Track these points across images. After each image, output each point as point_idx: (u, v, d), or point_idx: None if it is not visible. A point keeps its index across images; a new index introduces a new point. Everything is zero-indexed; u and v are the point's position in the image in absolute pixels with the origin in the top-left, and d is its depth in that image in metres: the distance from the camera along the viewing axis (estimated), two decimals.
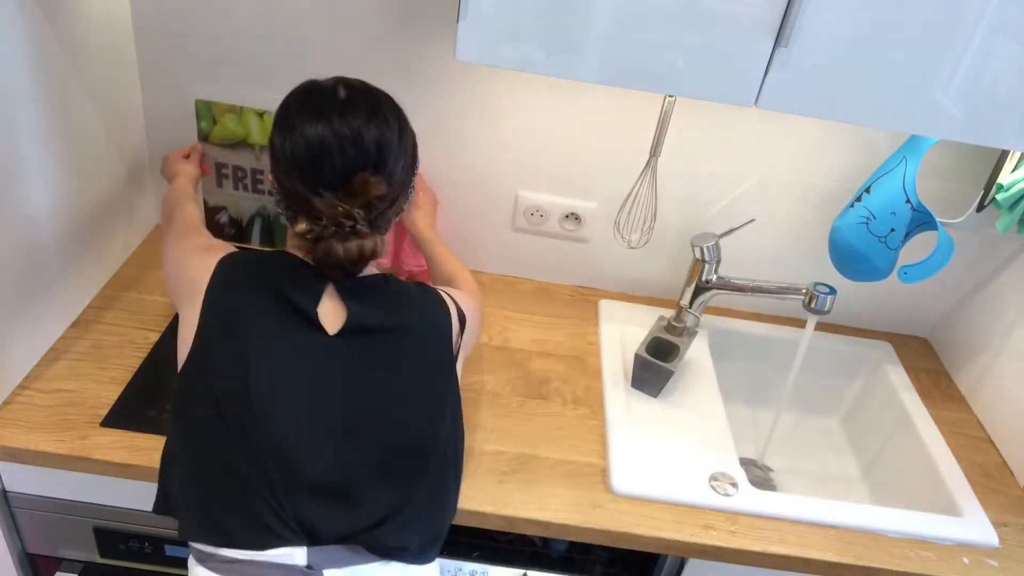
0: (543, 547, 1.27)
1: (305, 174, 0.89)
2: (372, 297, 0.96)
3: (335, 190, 0.89)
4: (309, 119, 0.89)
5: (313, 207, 0.89)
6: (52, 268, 1.20)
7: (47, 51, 1.10)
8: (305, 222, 0.91)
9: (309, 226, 0.90)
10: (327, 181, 0.88)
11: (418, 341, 0.97)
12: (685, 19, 0.97)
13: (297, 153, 0.89)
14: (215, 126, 1.42)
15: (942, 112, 1.02)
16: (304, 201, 0.90)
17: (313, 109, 0.91)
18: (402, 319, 0.96)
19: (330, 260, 0.89)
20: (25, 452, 1.07)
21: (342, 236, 0.89)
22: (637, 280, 1.58)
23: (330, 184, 0.88)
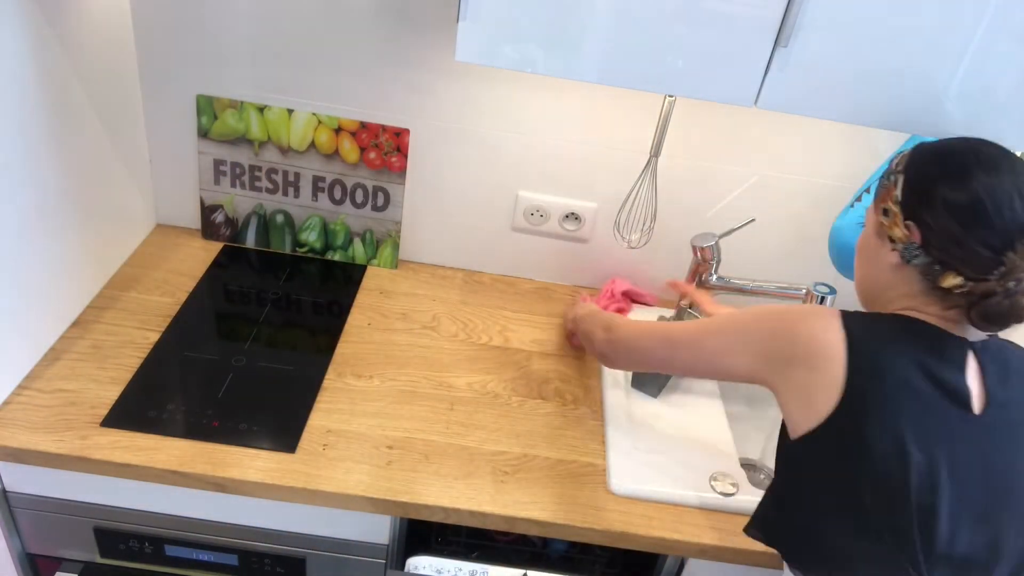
0: (543, 547, 1.27)
1: (988, 224, 0.82)
2: (1002, 363, 0.88)
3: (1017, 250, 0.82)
4: (984, 171, 0.84)
5: (985, 261, 0.82)
6: (52, 268, 1.20)
7: (47, 50, 1.10)
8: (958, 276, 0.84)
9: (962, 280, 0.84)
10: (1013, 240, 0.82)
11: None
12: (685, 19, 0.97)
13: (979, 210, 0.82)
14: (215, 121, 1.42)
15: (942, 112, 1.02)
16: (972, 254, 0.83)
17: (987, 159, 0.85)
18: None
19: (1008, 315, 0.82)
20: (25, 452, 1.07)
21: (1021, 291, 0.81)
22: (637, 280, 1.58)
23: (1013, 238, 0.82)
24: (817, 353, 0.86)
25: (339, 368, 1.28)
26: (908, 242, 0.87)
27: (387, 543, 1.17)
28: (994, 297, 0.82)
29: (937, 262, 0.85)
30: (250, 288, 1.43)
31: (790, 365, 0.88)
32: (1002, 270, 0.81)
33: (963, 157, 0.86)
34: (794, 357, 0.88)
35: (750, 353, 0.93)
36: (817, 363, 0.86)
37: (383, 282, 1.51)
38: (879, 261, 0.92)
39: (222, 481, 1.07)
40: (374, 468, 1.11)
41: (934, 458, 0.82)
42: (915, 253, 0.87)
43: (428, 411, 1.23)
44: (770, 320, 0.93)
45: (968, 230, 0.82)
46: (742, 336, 0.95)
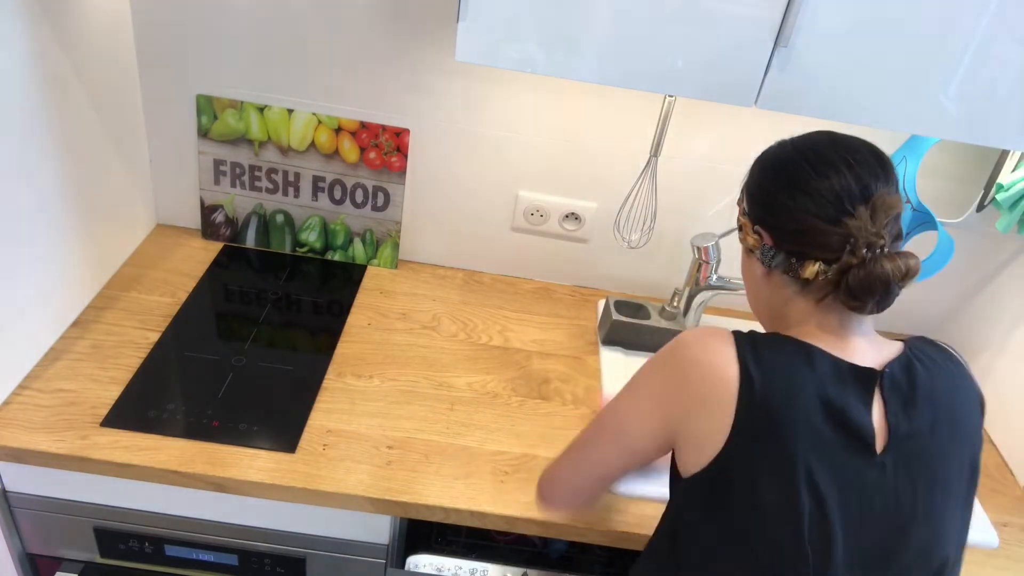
0: (543, 547, 1.27)
1: (819, 204, 0.81)
2: (910, 386, 0.82)
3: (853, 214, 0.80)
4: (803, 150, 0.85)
5: (830, 237, 0.81)
6: (52, 268, 1.20)
7: (47, 50, 1.10)
8: (815, 263, 0.82)
9: (823, 265, 0.82)
10: (844, 205, 0.81)
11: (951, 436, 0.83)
12: (685, 19, 0.97)
13: (807, 180, 0.82)
14: (215, 122, 1.42)
15: (942, 112, 1.02)
16: (815, 233, 0.82)
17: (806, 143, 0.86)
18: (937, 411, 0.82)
19: (872, 285, 0.79)
20: (25, 452, 1.07)
21: (880, 257, 0.79)
22: (637, 280, 1.58)
23: (847, 207, 0.80)
24: (709, 385, 0.80)
25: (339, 368, 1.28)
26: (762, 246, 0.87)
27: (387, 543, 1.17)
28: (851, 271, 0.80)
29: (792, 255, 0.84)
30: (250, 288, 1.43)
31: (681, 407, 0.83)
32: (852, 242, 0.80)
33: (783, 149, 0.88)
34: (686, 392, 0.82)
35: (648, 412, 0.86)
36: (708, 394, 0.80)
37: (383, 282, 1.51)
38: (753, 278, 0.92)
39: (222, 481, 1.07)
40: (374, 468, 1.11)
41: (828, 507, 0.77)
42: (771, 254, 0.86)
43: (428, 411, 1.23)
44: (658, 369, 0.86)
45: (797, 203, 0.82)
46: (636, 396, 0.88)
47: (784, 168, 0.86)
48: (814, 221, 0.82)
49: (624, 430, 0.88)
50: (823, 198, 0.81)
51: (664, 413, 0.84)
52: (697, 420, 0.81)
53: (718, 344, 0.82)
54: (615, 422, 0.90)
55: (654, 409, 0.85)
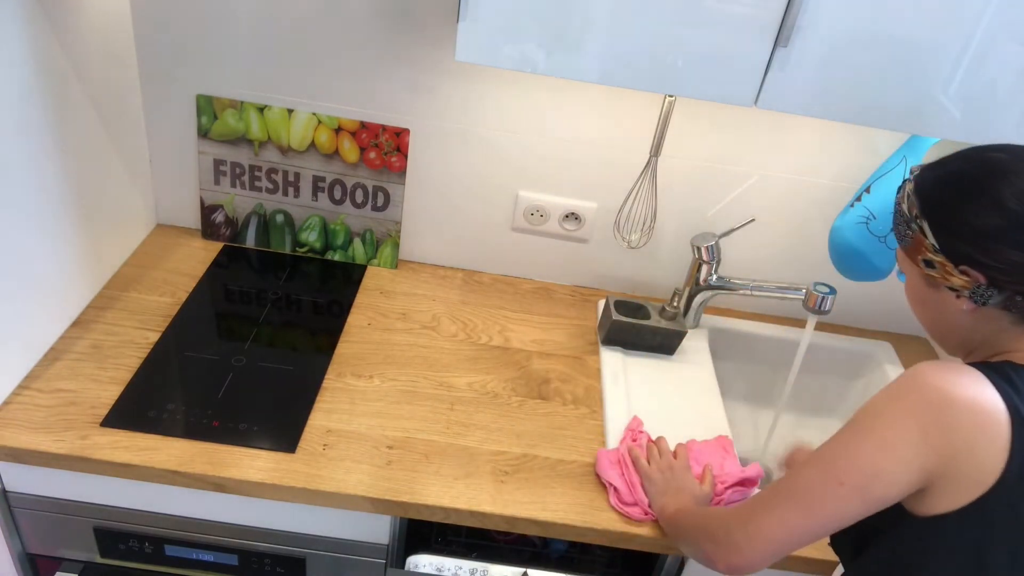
0: (543, 547, 1.27)
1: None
2: None
3: None
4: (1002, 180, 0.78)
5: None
6: (52, 268, 1.20)
7: (47, 51, 1.10)
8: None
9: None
10: None
11: None
12: (685, 19, 0.97)
13: (1018, 216, 0.76)
14: (215, 122, 1.42)
15: (942, 112, 1.02)
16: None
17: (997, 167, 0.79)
18: None
19: None
20: (25, 452, 1.07)
21: None
22: (637, 280, 1.58)
23: None
24: (980, 424, 0.74)
25: (339, 368, 1.28)
26: (974, 287, 0.80)
27: (387, 543, 1.17)
28: None
29: (1017, 293, 0.78)
30: (250, 288, 1.43)
31: (949, 449, 0.75)
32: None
33: (974, 174, 0.80)
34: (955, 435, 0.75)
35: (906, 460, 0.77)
36: (981, 433, 0.74)
37: (383, 282, 1.51)
38: (949, 309, 0.84)
39: (222, 481, 1.07)
40: (374, 468, 1.11)
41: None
42: (987, 294, 0.79)
43: (428, 411, 1.23)
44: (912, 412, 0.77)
45: (1017, 237, 0.76)
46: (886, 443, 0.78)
47: (986, 196, 0.78)
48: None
49: (875, 481, 0.78)
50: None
51: (924, 460, 0.76)
52: (963, 464, 0.75)
53: (976, 381, 0.76)
54: (862, 475, 0.78)
55: (913, 457, 0.76)
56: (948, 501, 0.76)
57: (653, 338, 1.40)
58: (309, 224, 1.51)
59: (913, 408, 0.76)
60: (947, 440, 0.75)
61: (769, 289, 1.38)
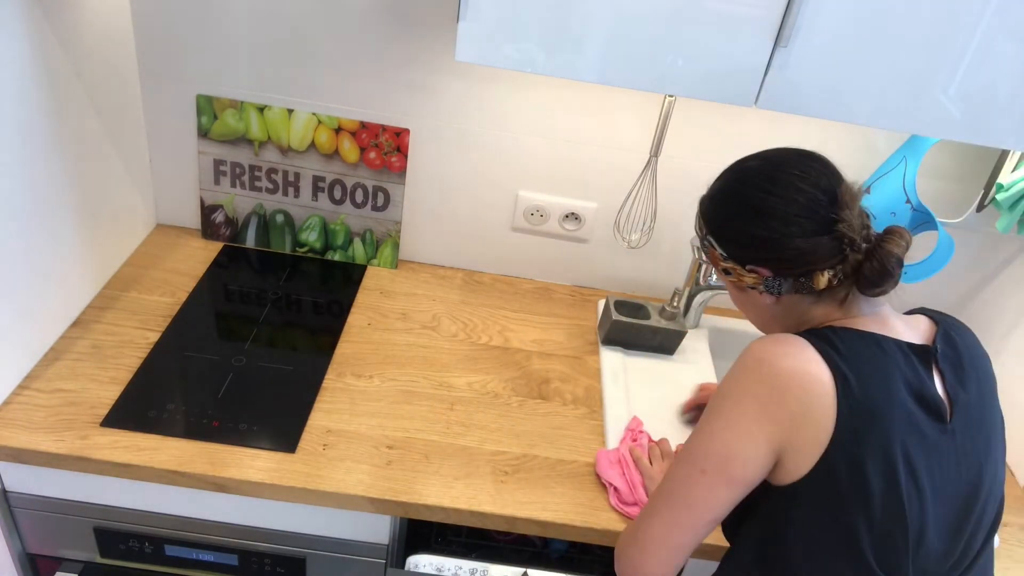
0: (543, 547, 1.27)
1: (800, 224, 0.84)
2: (955, 360, 0.88)
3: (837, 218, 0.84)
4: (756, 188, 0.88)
5: (827, 246, 0.84)
6: (52, 268, 1.20)
7: (47, 50, 1.10)
8: (824, 273, 0.85)
9: (831, 271, 0.85)
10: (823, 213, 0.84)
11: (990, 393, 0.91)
12: (685, 19, 0.97)
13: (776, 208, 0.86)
14: (215, 122, 1.42)
15: (942, 112, 1.02)
16: (813, 250, 0.84)
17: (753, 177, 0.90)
18: (977, 374, 0.89)
19: (888, 268, 0.82)
20: (25, 452, 1.07)
21: (879, 241, 0.84)
22: (637, 280, 1.58)
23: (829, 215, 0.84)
24: (807, 391, 0.80)
25: (339, 368, 1.28)
26: (764, 280, 0.89)
27: (387, 543, 1.17)
28: (864, 265, 0.84)
29: (799, 276, 0.87)
30: (250, 288, 1.43)
31: (785, 422, 0.81)
32: (846, 242, 0.83)
33: (734, 187, 0.91)
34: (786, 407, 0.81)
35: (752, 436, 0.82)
36: (809, 401, 0.80)
37: (383, 282, 1.51)
38: (759, 306, 0.93)
39: (222, 481, 1.07)
40: (374, 468, 1.11)
41: (921, 483, 0.81)
42: (776, 283, 0.89)
43: (428, 411, 1.23)
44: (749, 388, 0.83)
45: (796, 238, 0.84)
46: (733, 423, 0.83)
47: (747, 203, 0.88)
48: (805, 241, 0.84)
49: (730, 462, 0.82)
50: (800, 218, 0.84)
51: (769, 433, 0.81)
52: (801, 429, 0.80)
53: (800, 350, 0.82)
54: (717, 457, 0.83)
55: (757, 431, 0.81)
56: (797, 468, 0.81)
57: (653, 338, 1.40)
58: (309, 224, 1.51)
59: (749, 385, 0.83)
60: (784, 410, 0.80)
61: None
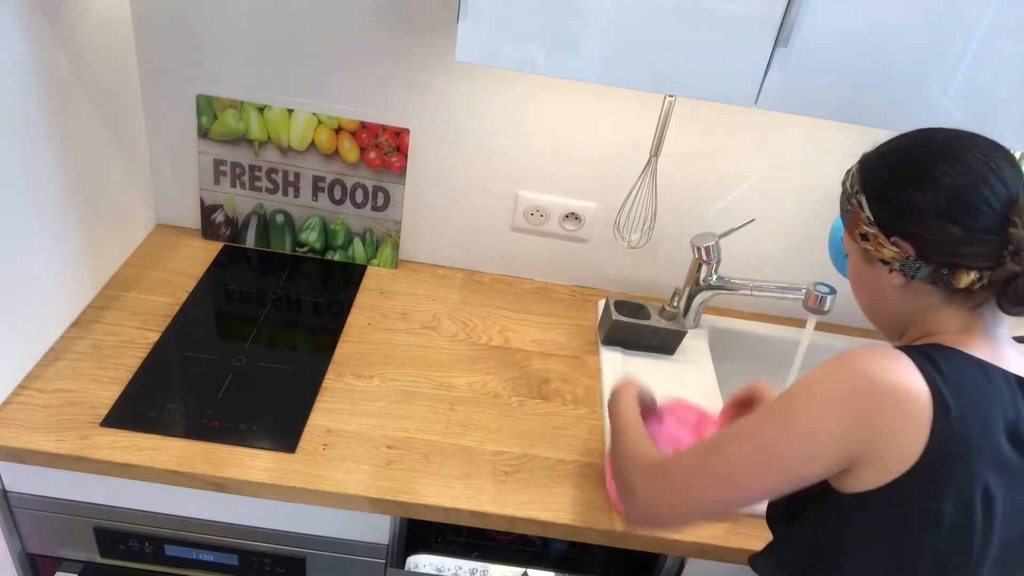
0: (543, 547, 1.27)
1: (975, 211, 0.78)
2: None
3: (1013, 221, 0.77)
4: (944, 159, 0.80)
5: (989, 246, 0.77)
6: (52, 268, 1.20)
7: (47, 50, 1.10)
8: (970, 272, 0.79)
9: (978, 274, 0.78)
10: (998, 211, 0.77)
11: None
12: (685, 19, 0.97)
13: (955, 193, 0.78)
14: (215, 122, 1.42)
15: (942, 112, 1.02)
16: (973, 243, 0.78)
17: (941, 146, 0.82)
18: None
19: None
20: (25, 452, 1.07)
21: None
22: (637, 280, 1.58)
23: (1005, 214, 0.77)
24: (904, 408, 0.76)
25: (339, 368, 1.28)
26: (903, 258, 0.82)
27: (387, 543, 1.17)
28: (1017, 279, 0.77)
29: (943, 266, 0.80)
30: (250, 288, 1.43)
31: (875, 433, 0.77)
32: (1011, 248, 0.77)
33: (910, 151, 0.83)
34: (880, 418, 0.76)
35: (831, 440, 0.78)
36: (905, 418, 0.76)
37: (383, 282, 1.51)
38: (882, 286, 0.86)
39: (222, 481, 1.07)
40: (374, 468, 1.11)
41: (993, 515, 0.77)
42: (916, 266, 0.81)
43: (428, 411, 1.23)
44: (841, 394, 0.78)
45: (958, 224, 0.78)
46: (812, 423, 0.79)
47: (921, 168, 0.81)
48: (967, 232, 0.78)
49: (803, 464, 0.79)
50: (972, 204, 0.77)
51: (851, 443, 0.77)
52: (886, 445, 0.76)
53: (902, 367, 0.77)
54: (792, 457, 0.79)
55: (840, 439, 0.77)
56: (870, 480, 0.78)
57: (653, 338, 1.40)
58: (309, 224, 1.51)
59: (841, 391, 0.78)
60: (871, 424, 0.77)
61: (769, 289, 1.38)
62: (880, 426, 0.76)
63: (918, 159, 0.82)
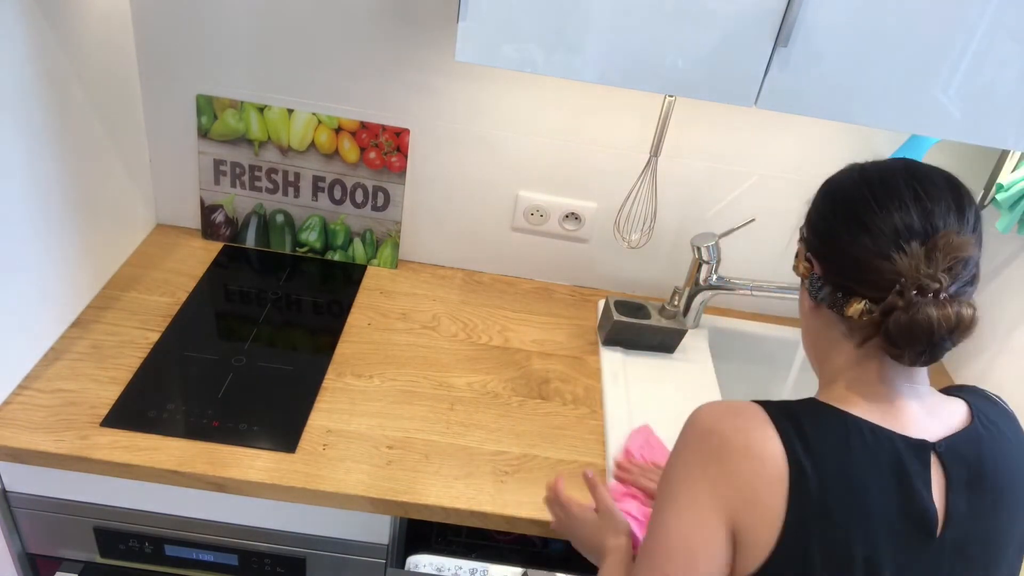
0: (543, 547, 1.27)
1: (874, 237, 0.75)
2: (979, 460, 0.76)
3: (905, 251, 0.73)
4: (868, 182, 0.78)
5: (880, 274, 0.74)
6: (52, 268, 1.20)
7: (47, 51, 1.10)
8: (861, 301, 0.75)
9: (868, 304, 0.74)
10: (899, 240, 0.73)
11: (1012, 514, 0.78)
12: (685, 19, 0.97)
13: (865, 211, 0.76)
14: (215, 122, 1.42)
15: (942, 112, 1.02)
16: (864, 268, 0.75)
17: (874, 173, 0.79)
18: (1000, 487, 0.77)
19: (914, 332, 0.71)
20: (25, 452, 1.07)
21: (929, 302, 0.71)
22: (637, 280, 1.58)
23: (901, 243, 0.73)
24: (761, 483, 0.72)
25: (339, 368, 1.28)
26: (811, 275, 0.82)
27: (387, 543, 1.17)
28: (894, 314, 0.72)
29: (838, 288, 0.78)
30: (250, 288, 1.43)
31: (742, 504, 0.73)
32: (901, 281, 0.72)
33: (850, 175, 0.81)
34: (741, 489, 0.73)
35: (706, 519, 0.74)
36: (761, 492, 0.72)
37: (383, 282, 1.51)
38: (803, 311, 0.86)
39: (222, 481, 1.07)
40: (374, 468, 1.11)
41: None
42: (819, 286, 0.80)
43: (428, 411, 1.23)
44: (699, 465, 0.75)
45: (850, 234, 0.76)
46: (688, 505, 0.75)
47: (845, 195, 0.80)
48: (863, 254, 0.75)
49: (694, 559, 0.74)
50: (879, 231, 0.74)
51: (722, 515, 0.74)
52: (749, 516, 0.73)
53: (756, 426, 0.74)
54: (681, 557, 0.75)
55: (711, 516, 0.74)
56: (753, 558, 0.73)
57: (653, 337, 1.40)
58: (309, 224, 1.51)
59: (697, 458, 0.76)
60: (732, 488, 0.73)
61: (769, 289, 1.38)
62: (741, 489, 0.73)
63: (852, 183, 0.80)
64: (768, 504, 0.72)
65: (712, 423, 0.76)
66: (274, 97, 1.40)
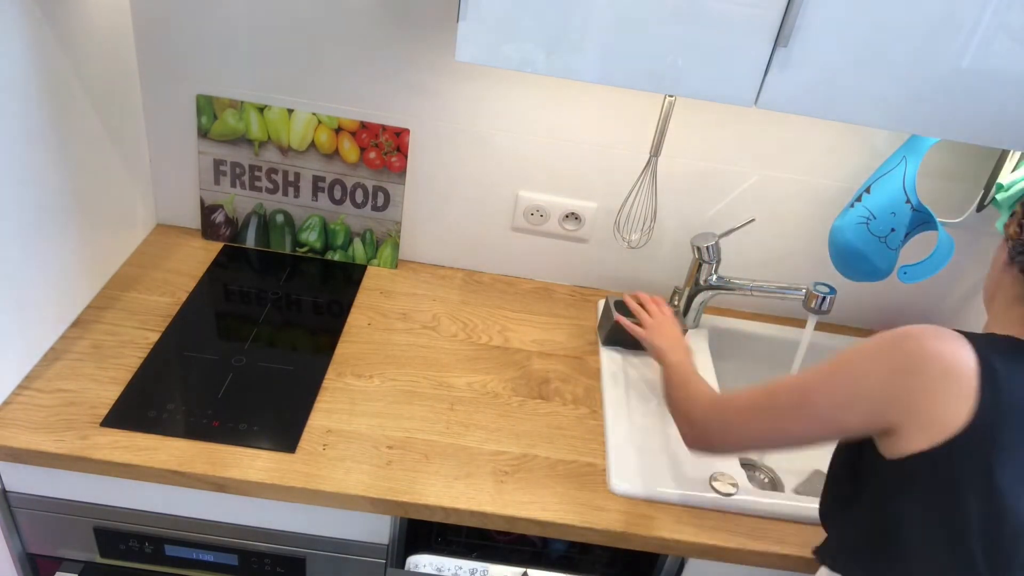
0: (543, 547, 1.27)
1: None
2: None
3: None
4: None
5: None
6: (52, 268, 1.20)
7: (47, 51, 1.10)
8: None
9: None
10: None
11: None
12: (685, 19, 0.97)
13: None
14: (215, 122, 1.42)
15: (942, 112, 1.02)
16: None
17: None
18: None
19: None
20: (25, 452, 1.07)
21: None
22: (637, 280, 1.58)
23: None
24: (947, 371, 0.79)
25: (339, 368, 1.28)
26: (1017, 239, 0.87)
27: (387, 543, 1.17)
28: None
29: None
30: (250, 288, 1.43)
31: (914, 391, 0.81)
32: None
33: None
34: (921, 378, 0.81)
35: (872, 399, 0.83)
36: (947, 380, 0.79)
37: (383, 282, 1.51)
38: (996, 265, 0.92)
39: (222, 481, 1.07)
40: (374, 468, 1.11)
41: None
42: (1020, 250, 0.87)
43: (428, 411, 1.23)
44: (886, 353, 0.84)
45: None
46: (855, 377, 0.85)
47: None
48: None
49: (842, 412, 0.85)
50: None
51: (887, 396, 0.82)
52: (927, 405, 0.80)
53: (951, 340, 0.81)
54: (832, 408, 0.86)
55: (875, 390, 0.83)
56: (914, 442, 0.81)
57: None
58: (309, 224, 1.51)
59: (887, 350, 0.83)
60: (909, 382, 0.81)
61: (769, 289, 1.38)
62: (917, 386, 0.80)
63: None
64: (951, 400, 0.79)
65: (911, 330, 0.83)
66: (274, 97, 1.40)
